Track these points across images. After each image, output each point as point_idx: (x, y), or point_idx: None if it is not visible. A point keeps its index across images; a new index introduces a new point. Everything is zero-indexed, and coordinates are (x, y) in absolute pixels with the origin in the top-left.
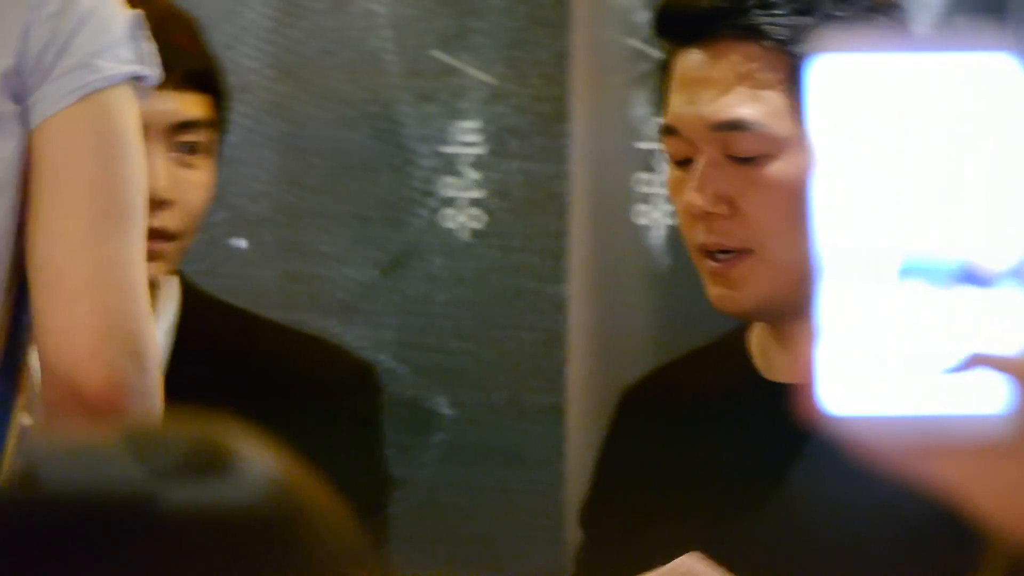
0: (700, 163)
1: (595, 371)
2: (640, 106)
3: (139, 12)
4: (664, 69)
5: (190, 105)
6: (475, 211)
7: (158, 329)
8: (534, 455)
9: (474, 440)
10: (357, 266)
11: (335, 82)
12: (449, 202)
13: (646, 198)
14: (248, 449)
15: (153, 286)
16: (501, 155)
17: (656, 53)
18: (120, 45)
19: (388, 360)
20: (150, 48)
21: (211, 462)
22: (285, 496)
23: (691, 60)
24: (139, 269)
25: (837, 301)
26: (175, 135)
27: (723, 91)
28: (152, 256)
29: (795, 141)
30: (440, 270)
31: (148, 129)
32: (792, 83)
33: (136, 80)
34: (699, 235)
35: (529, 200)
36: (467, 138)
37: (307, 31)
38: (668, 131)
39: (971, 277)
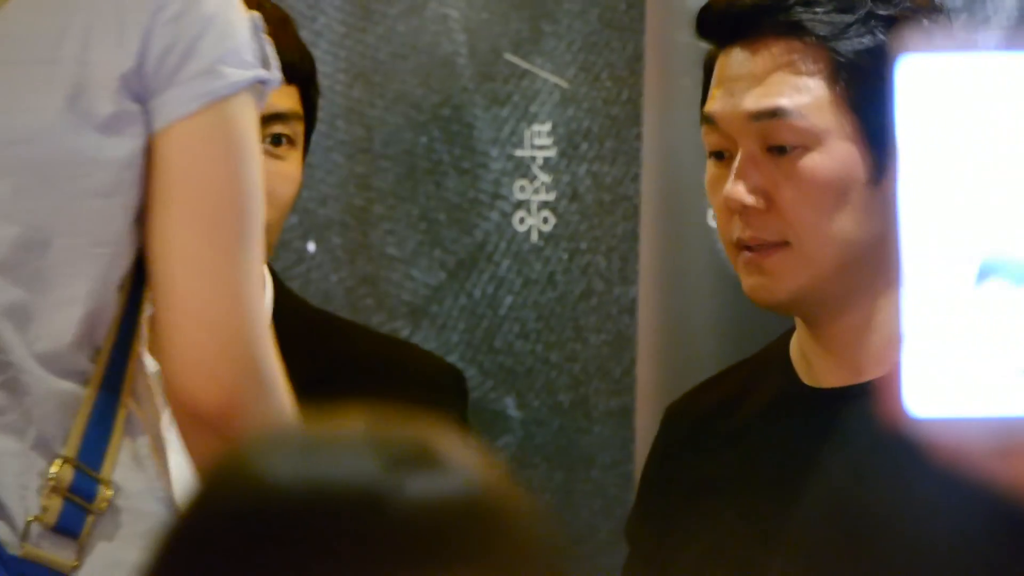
0: (739, 156)
1: (664, 373)
2: None
3: (257, 13)
4: (708, 69)
5: (280, 96)
6: (545, 214)
7: None
8: (602, 457)
9: (541, 442)
10: (425, 269)
11: (407, 86)
12: (519, 205)
13: None
14: (456, 449)
15: None
16: (572, 158)
17: None
18: (244, 49)
19: (456, 362)
20: (271, 50)
21: (429, 459)
22: (495, 493)
23: (733, 57)
24: (259, 287)
25: (921, 302)
26: (266, 126)
27: (762, 82)
28: None
29: (834, 134)
30: (508, 272)
31: None
32: (833, 77)
33: (259, 84)
34: (735, 230)
35: (599, 203)
36: (538, 141)
37: (380, 35)
38: (708, 122)
39: None
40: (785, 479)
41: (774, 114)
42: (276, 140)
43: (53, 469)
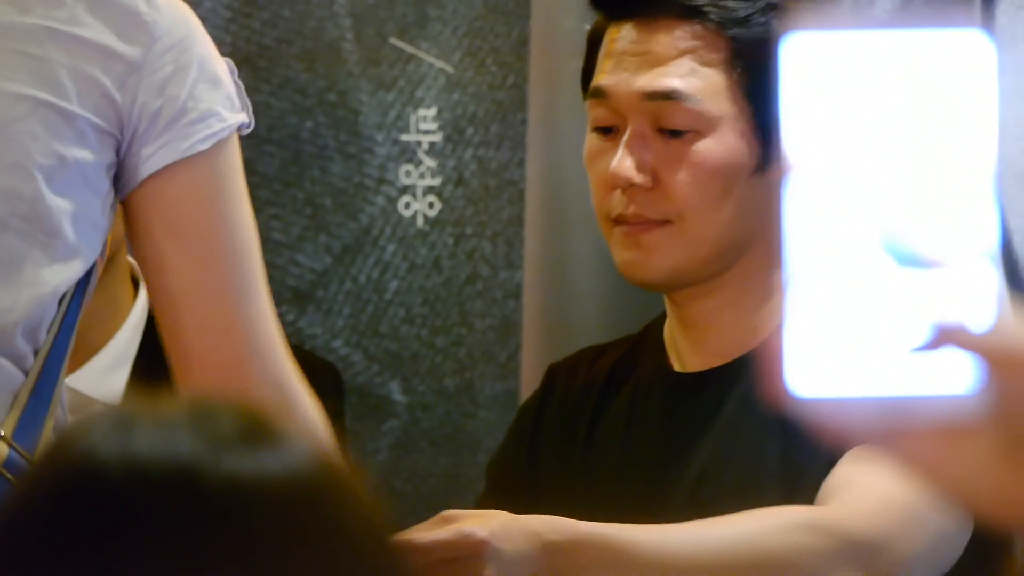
0: (627, 133)
1: (549, 358)
2: None
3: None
4: (594, 41)
5: None
6: (431, 198)
7: (128, 326)
8: (488, 442)
9: (427, 427)
10: (311, 254)
11: (293, 71)
12: (405, 190)
13: None
14: (289, 428)
15: (133, 280)
16: (457, 143)
17: None
18: (231, 94)
19: (341, 347)
20: (243, 93)
21: (259, 436)
22: (325, 471)
23: (627, 33)
24: (268, 316)
25: (805, 281)
26: None
27: (659, 63)
28: None
29: (726, 122)
30: (394, 257)
31: None
32: (731, 64)
33: (242, 127)
34: (616, 205)
35: (485, 187)
36: (424, 126)
37: (265, 20)
38: (596, 96)
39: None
40: (648, 463)
41: (668, 96)
42: None
43: None
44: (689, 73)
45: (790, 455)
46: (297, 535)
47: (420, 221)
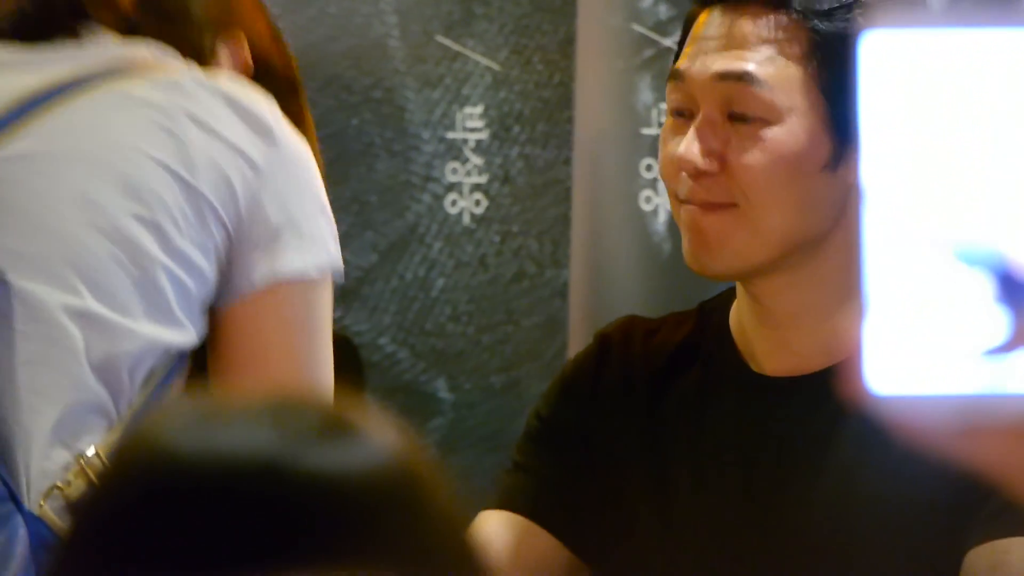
0: (699, 118)
1: None
2: (644, 92)
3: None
4: (686, 27)
5: None
6: (477, 196)
7: None
8: None
9: (472, 425)
10: (357, 251)
11: (339, 68)
12: (451, 187)
13: (651, 184)
14: (371, 422)
15: None
16: (504, 140)
17: (661, 40)
18: (335, 233)
19: (387, 344)
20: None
21: (340, 431)
22: (407, 466)
23: (712, 18)
24: None
25: (883, 279)
26: None
27: (737, 47)
28: None
29: (798, 114)
30: (440, 255)
31: None
32: (809, 57)
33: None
34: (683, 188)
35: (531, 185)
36: (470, 124)
37: (312, 17)
38: (674, 78)
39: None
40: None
41: (740, 78)
42: None
43: (89, 452)
44: (765, 60)
45: (890, 475)
46: (379, 530)
47: (466, 219)
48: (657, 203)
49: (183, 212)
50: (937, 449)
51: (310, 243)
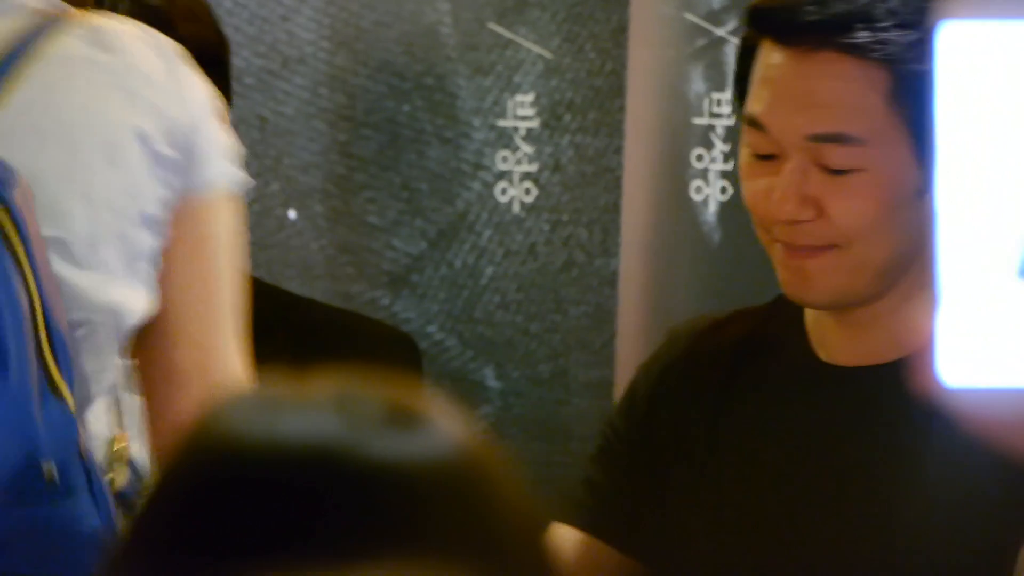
0: (788, 167)
1: (644, 346)
2: (696, 81)
3: None
4: (748, 50)
5: None
6: (527, 184)
7: None
8: (580, 429)
9: (520, 413)
10: (406, 238)
11: (390, 54)
12: (501, 175)
13: (701, 173)
14: (437, 411)
15: None
16: (555, 129)
17: (714, 29)
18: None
19: (436, 332)
20: None
21: (405, 420)
22: (473, 456)
23: (785, 60)
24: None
25: (957, 276)
26: None
27: (822, 102)
28: None
29: (890, 153)
30: (490, 243)
31: None
32: (893, 96)
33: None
34: (779, 231)
35: (581, 174)
36: (521, 112)
37: (363, 3)
38: (754, 126)
39: None
40: (788, 449)
41: (833, 139)
42: None
43: (119, 442)
44: (852, 113)
45: (956, 466)
46: (444, 520)
47: (516, 207)
48: (707, 193)
49: (152, 175)
50: (1004, 441)
51: (228, 162)
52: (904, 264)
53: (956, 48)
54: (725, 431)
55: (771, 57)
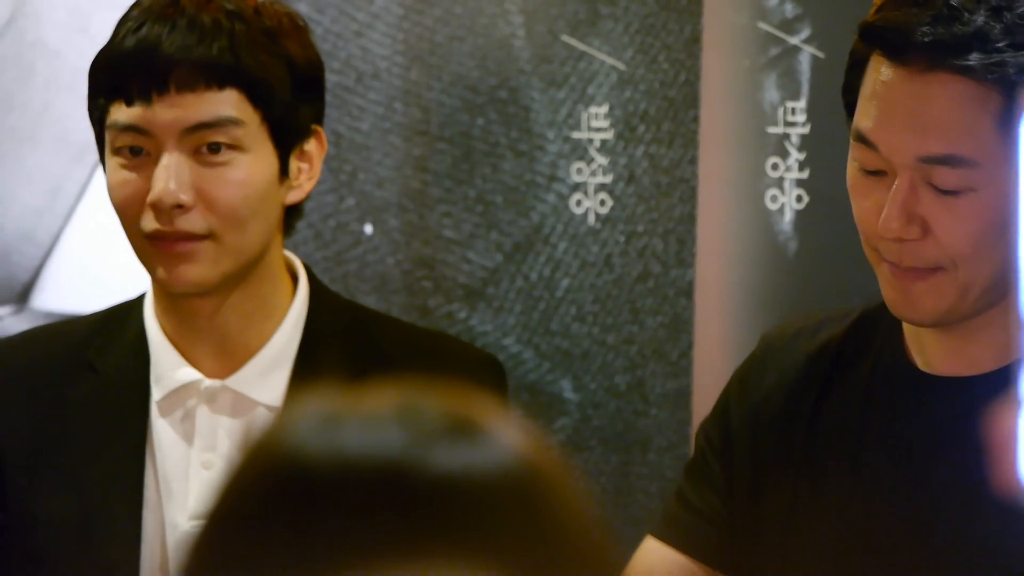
0: (898, 185)
1: (722, 356)
2: (771, 90)
3: None
4: (858, 62)
5: (211, 103)
6: (602, 196)
7: (287, 325)
8: (658, 440)
9: (598, 425)
10: (482, 251)
11: (464, 68)
12: (576, 187)
13: (776, 183)
14: (499, 423)
15: (292, 277)
16: (629, 140)
17: (788, 38)
18: None
19: (512, 344)
20: None
21: (467, 431)
22: (534, 467)
23: (897, 76)
24: None
25: None
26: (196, 134)
27: (935, 124)
28: (184, 258)
29: (1001, 174)
30: (565, 255)
31: (161, 133)
32: (1004, 117)
33: None
34: (887, 250)
35: (656, 185)
36: (595, 123)
37: (437, 17)
38: (864, 143)
39: None
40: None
41: (944, 161)
42: (213, 148)
43: None
44: (965, 135)
45: None
46: (506, 531)
47: (591, 219)
48: (783, 202)
49: None
50: None
51: None
52: (1009, 282)
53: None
54: (824, 442)
55: (882, 73)
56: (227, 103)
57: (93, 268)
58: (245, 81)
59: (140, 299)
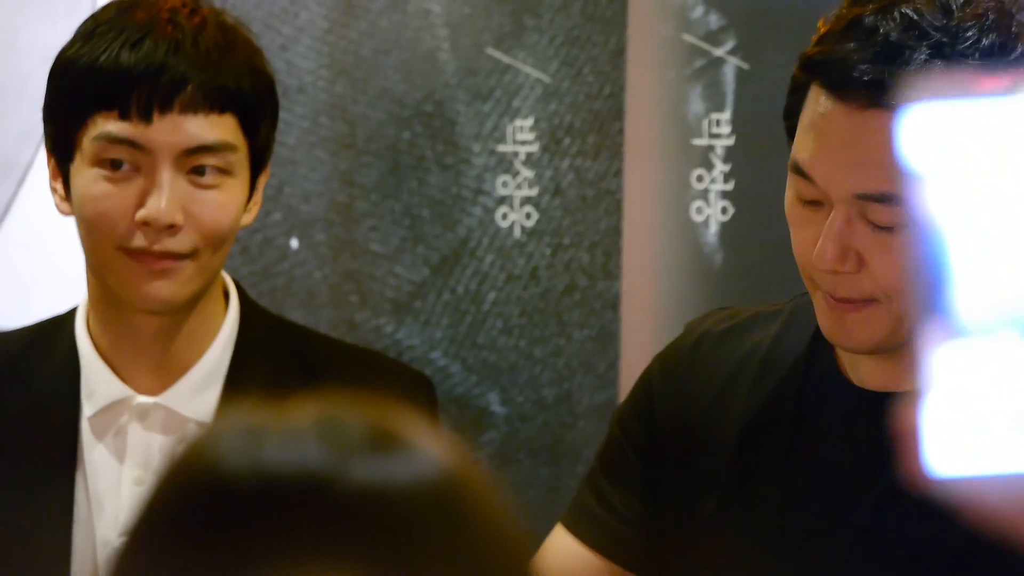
0: (833, 218)
1: None
2: (695, 103)
3: None
4: (799, 87)
5: (207, 127)
6: (528, 209)
7: (219, 342)
8: (587, 452)
9: (526, 437)
10: (409, 265)
11: (390, 82)
12: (502, 200)
13: (701, 195)
14: (423, 436)
15: (223, 294)
16: (554, 153)
17: (712, 50)
18: None
19: (439, 358)
20: None
21: (387, 444)
22: (455, 479)
23: (838, 113)
24: None
25: (944, 360)
26: (189, 158)
27: (872, 161)
28: (162, 275)
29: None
30: (491, 268)
31: (156, 153)
32: None
33: None
34: (822, 281)
35: (582, 198)
36: (521, 136)
37: (362, 31)
38: (801, 174)
39: None
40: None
41: (882, 199)
42: (199, 170)
43: None
44: (901, 173)
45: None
46: (427, 543)
47: (517, 232)
48: (708, 213)
49: None
50: (1001, 529)
51: None
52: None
53: (931, 128)
54: (753, 450)
55: (820, 104)
56: (225, 128)
57: (21, 283)
58: (242, 107)
59: (71, 314)
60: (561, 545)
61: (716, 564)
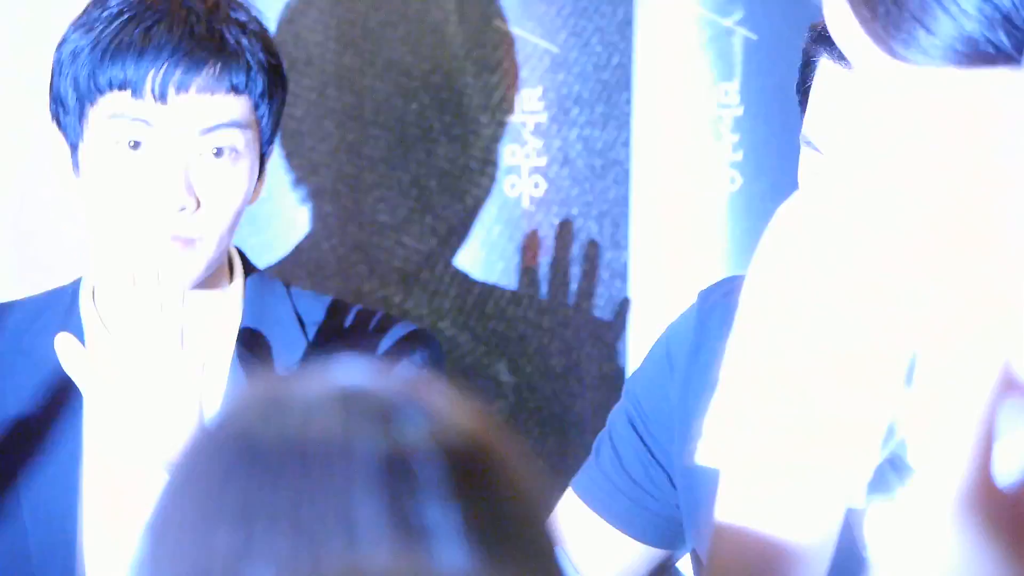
0: None
1: (655, 338)
2: (704, 73)
3: None
4: (809, 61)
5: (221, 107)
6: (536, 179)
7: (228, 303)
8: (594, 422)
9: (534, 407)
10: (417, 236)
11: (397, 53)
12: (510, 170)
13: (710, 165)
14: (441, 401)
15: (228, 265)
16: (562, 123)
17: (720, 19)
18: None
19: (447, 328)
20: None
21: (411, 409)
22: (477, 443)
23: (835, 76)
24: None
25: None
26: (202, 139)
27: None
28: (172, 252)
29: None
30: (500, 238)
31: (171, 134)
32: None
33: None
34: None
35: (590, 167)
36: (529, 106)
37: (370, 3)
38: (813, 147)
39: None
40: None
41: None
42: (214, 151)
43: None
44: None
45: None
46: (449, 507)
47: (525, 202)
48: (717, 183)
49: None
50: None
51: None
52: None
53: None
54: None
55: (827, 74)
56: (238, 109)
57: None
58: (256, 89)
59: (76, 284)
60: (572, 511)
61: None
